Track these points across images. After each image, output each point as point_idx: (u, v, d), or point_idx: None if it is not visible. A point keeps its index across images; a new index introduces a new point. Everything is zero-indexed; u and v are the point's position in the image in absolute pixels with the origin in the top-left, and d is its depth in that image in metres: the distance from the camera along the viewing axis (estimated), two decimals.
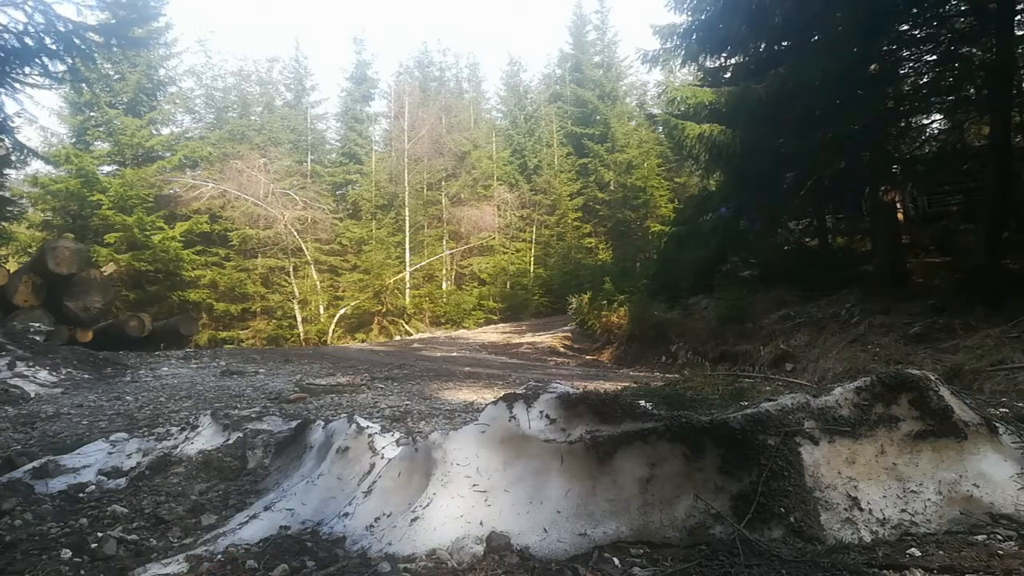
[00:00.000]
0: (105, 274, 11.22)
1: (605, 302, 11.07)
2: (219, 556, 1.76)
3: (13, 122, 8.95)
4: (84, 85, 16.25)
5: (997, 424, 2.01)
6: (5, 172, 13.03)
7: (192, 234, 19.79)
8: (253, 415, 3.47)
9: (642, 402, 2.04)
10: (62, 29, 7.27)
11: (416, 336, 18.53)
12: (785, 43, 8.50)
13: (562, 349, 11.04)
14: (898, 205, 8.01)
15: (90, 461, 2.69)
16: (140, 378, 5.98)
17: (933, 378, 1.99)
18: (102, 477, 2.57)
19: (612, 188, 27.63)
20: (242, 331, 21.12)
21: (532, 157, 28.78)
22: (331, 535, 1.86)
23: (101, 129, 19.19)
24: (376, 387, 5.41)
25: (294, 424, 2.91)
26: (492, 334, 14.37)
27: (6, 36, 7.04)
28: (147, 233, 18.02)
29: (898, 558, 1.56)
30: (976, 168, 7.53)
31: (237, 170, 20.80)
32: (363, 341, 19.72)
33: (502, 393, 2.18)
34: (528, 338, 12.56)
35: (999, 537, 1.65)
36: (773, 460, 1.76)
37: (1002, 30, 6.07)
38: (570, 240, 25.56)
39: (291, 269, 22.51)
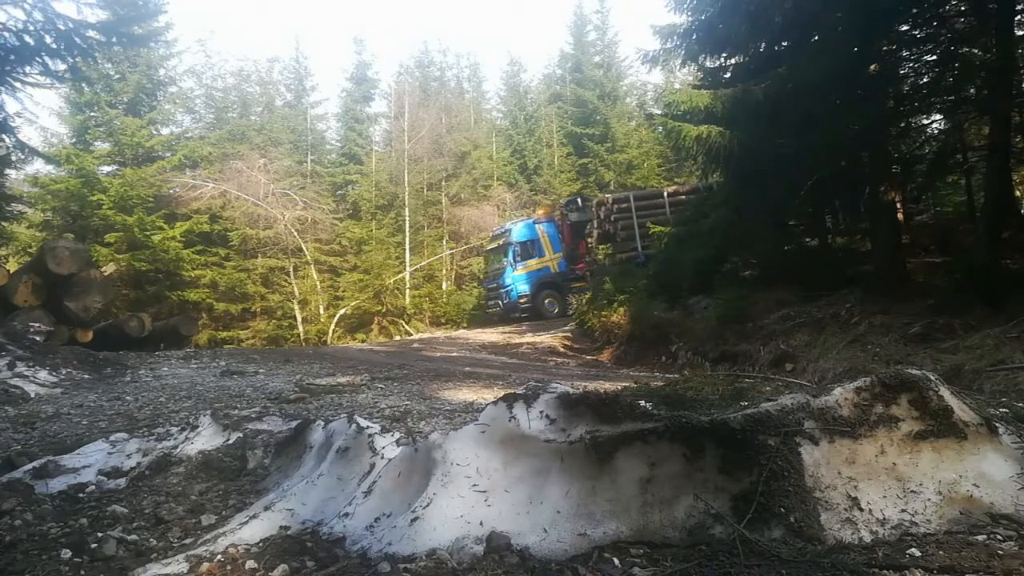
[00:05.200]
0: (105, 274, 11.22)
1: (605, 302, 11.06)
2: (219, 556, 1.76)
3: (14, 121, 8.94)
4: (84, 84, 16.25)
5: (997, 424, 2.01)
6: (6, 172, 13.02)
7: (192, 234, 19.81)
8: (253, 415, 3.47)
9: (642, 402, 2.04)
10: (62, 27, 7.27)
11: (416, 336, 18.53)
12: (785, 43, 8.50)
13: (562, 349, 11.03)
14: (898, 205, 8.01)
15: (90, 461, 2.69)
16: (140, 378, 5.98)
17: (933, 378, 1.99)
18: (102, 477, 2.57)
19: (612, 188, 27.64)
20: (242, 331, 21.14)
21: (532, 157, 28.79)
22: (331, 535, 1.86)
23: (101, 129, 19.20)
24: (376, 387, 5.41)
25: (294, 424, 2.91)
26: (492, 334, 14.36)
27: (6, 34, 7.04)
28: (147, 233, 18.03)
29: (898, 558, 1.56)
30: (976, 168, 7.53)
31: (237, 170, 20.81)
32: (363, 341, 19.74)
33: (502, 393, 2.18)
34: (528, 338, 12.55)
35: (999, 537, 1.65)
36: (773, 460, 1.76)
37: (1002, 30, 6.06)
38: None
39: (291, 269, 22.51)
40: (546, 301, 17.97)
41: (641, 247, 16.18)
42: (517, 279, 17.94)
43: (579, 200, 18.82)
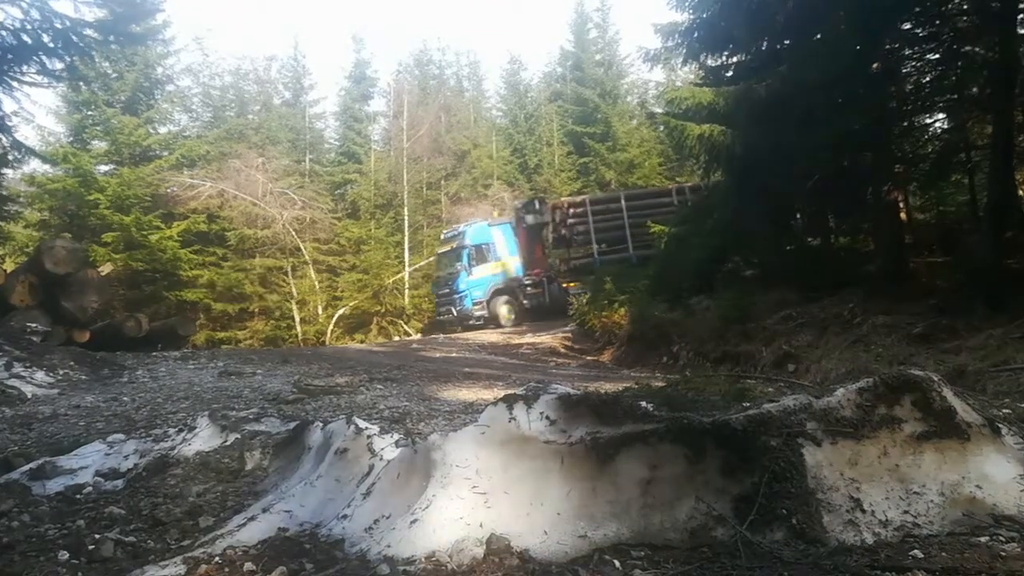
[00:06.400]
0: (102, 274, 11.18)
1: (605, 302, 11.05)
2: (217, 558, 1.75)
3: (11, 121, 8.92)
4: (82, 83, 16.19)
5: (1000, 425, 2.00)
6: (2, 171, 12.99)
7: (189, 234, 19.72)
8: (251, 416, 3.46)
9: (643, 403, 2.02)
10: (60, 26, 7.25)
11: (415, 336, 18.52)
12: (787, 42, 8.49)
13: (562, 350, 11.02)
14: (900, 204, 8.00)
15: (87, 462, 2.68)
16: (137, 379, 5.97)
17: (936, 379, 1.98)
18: (99, 478, 2.56)
19: (613, 187, 27.63)
20: (240, 331, 21.08)
21: (532, 156, 28.78)
22: (329, 537, 1.85)
23: (99, 128, 19.13)
24: (375, 388, 5.39)
25: (292, 425, 2.90)
26: (492, 334, 14.35)
27: (3, 33, 7.02)
28: (144, 233, 17.97)
29: (900, 560, 1.55)
30: (979, 167, 7.52)
31: (235, 169, 20.75)
32: (362, 342, 19.71)
33: (502, 394, 2.17)
34: (528, 338, 12.54)
35: (1002, 538, 1.64)
36: (775, 461, 1.75)
37: (1005, 29, 6.05)
38: None
39: (289, 269, 22.46)
40: (502, 308, 16.74)
41: (598, 251, 15.89)
42: (472, 284, 16.61)
43: (536, 203, 17.74)
